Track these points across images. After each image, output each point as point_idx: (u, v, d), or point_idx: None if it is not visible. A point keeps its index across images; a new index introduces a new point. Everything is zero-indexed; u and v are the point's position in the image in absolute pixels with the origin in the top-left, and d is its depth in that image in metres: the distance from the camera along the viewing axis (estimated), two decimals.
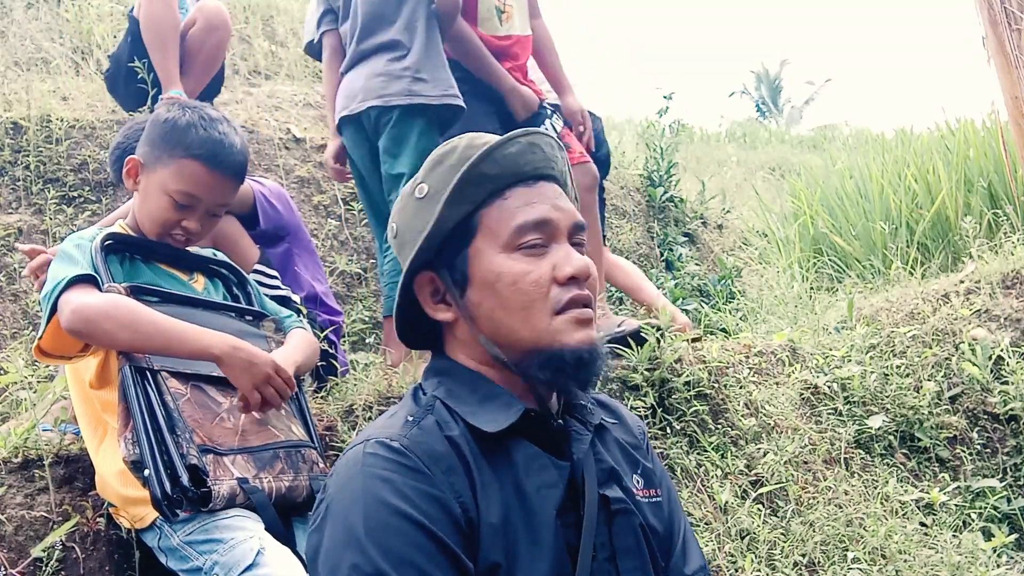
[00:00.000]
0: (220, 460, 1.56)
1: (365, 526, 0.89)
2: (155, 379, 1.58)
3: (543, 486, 0.98)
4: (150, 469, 1.47)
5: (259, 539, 1.51)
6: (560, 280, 1.01)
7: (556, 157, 1.10)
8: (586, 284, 1.03)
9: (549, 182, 1.08)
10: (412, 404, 1.05)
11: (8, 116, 3.46)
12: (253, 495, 1.56)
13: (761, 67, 28.94)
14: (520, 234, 1.02)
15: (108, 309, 1.56)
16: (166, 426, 1.52)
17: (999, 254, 3.44)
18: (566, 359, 0.99)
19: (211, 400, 1.66)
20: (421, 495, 0.91)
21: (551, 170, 1.09)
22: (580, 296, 1.01)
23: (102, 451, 1.68)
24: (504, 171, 1.04)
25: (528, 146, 1.06)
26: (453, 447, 0.97)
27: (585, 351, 0.99)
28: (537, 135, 1.08)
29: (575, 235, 1.07)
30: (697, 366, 2.62)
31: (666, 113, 5.37)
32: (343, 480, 0.95)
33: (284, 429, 1.73)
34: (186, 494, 1.48)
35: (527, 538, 0.94)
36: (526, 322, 1.00)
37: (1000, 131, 3.98)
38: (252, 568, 1.47)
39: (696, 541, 1.14)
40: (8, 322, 2.88)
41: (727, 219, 5.72)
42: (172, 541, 1.57)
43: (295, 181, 3.83)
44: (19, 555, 1.65)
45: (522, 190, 1.05)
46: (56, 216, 3.24)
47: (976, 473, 2.67)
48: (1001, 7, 2.99)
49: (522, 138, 1.06)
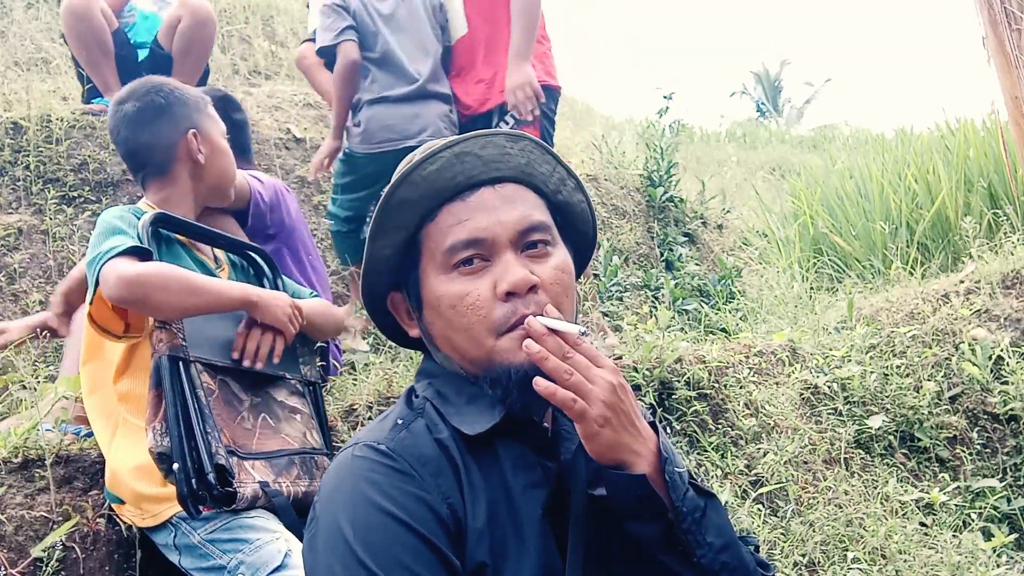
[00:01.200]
0: (243, 464, 1.57)
1: (353, 527, 0.90)
2: (188, 371, 1.59)
3: (529, 485, 0.98)
4: (179, 463, 1.48)
5: (286, 540, 1.53)
6: (500, 297, 0.96)
7: (502, 155, 1.02)
8: (538, 291, 0.97)
9: (492, 186, 1.01)
10: (404, 407, 1.05)
11: (8, 116, 3.46)
12: (275, 498, 1.57)
13: (761, 67, 28.96)
14: (452, 255, 0.98)
15: (152, 273, 1.58)
16: (197, 421, 1.53)
17: (999, 254, 3.44)
18: (512, 378, 0.95)
19: (235, 397, 1.68)
20: (407, 496, 0.92)
21: (495, 172, 1.01)
22: (523, 313, 0.95)
23: (115, 446, 1.68)
24: (428, 191, 1.00)
25: (454, 158, 1.00)
26: (442, 449, 0.97)
27: (531, 369, 0.94)
28: (468, 141, 1.01)
29: (526, 238, 1.00)
30: (697, 366, 2.62)
31: (666, 113, 5.38)
32: (333, 483, 0.97)
33: (298, 437, 1.75)
34: (211, 492, 1.48)
35: (514, 538, 0.95)
36: (471, 342, 0.98)
37: (1000, 131, 3.98)
38: (281, 569, 1.48)
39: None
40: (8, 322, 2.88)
41: (727, 219, 5.72)
42: (192, 539, 1.57)
43: (295, 181, 3.83)
44: (19, 555, 1.65)
45: (456, 206, 1.00)
46: (56, 216, 3.24)
47: (976, 473, 2.67)
48: (1001, 7, 2.99)
49: (445, 152, 1.00)
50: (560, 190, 1.07)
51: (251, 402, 1.69)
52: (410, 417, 1.02)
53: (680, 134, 5.83)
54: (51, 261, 3.13)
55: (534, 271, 0.98)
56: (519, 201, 1.02)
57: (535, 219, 1.01)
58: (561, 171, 1.07)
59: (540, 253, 1.00)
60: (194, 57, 3.46)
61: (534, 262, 1.00)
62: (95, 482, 1.82)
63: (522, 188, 1.03)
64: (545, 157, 1.06)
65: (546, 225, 1.02)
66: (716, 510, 0.96)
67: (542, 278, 0.98)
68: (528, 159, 1.04)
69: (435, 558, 0.90)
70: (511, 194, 1.02)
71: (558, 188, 1.07)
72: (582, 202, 1.10)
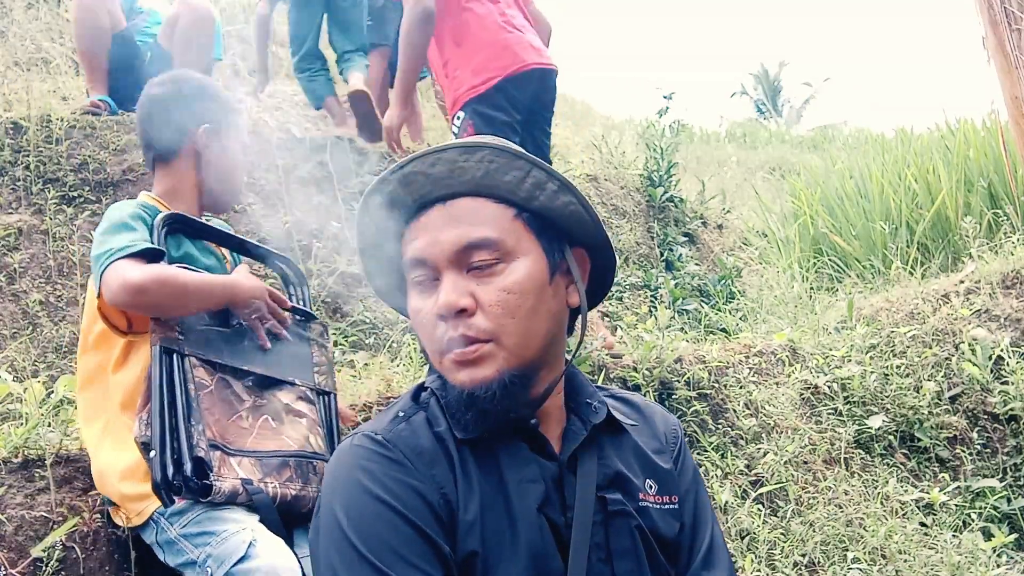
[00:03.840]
0: (227, 459, 1.56)
1: (347, 514, 0.93)
2: (182, 363, 1.60)
3: (524, 480, 0.99)
4: (156, 450, 1.48)
5: (251, 531, 1.51)
6: (436, 318, 0.97)
7: (451, 171, 0.99)
8: (474, 314, 0.96)
9: (443, 203, 1.00)
10: (408, 400, 1.07)
11: (8, 116, 3.46)
12: (255, 495, 1.56)
13: (760, 68, 28.98)
14: (408, 272, 1.02)
15: (151, 280, 1.58)
16: (183, 412, 1.53)
17: (999, 254, 3.44)
18: (457, 397, 0.98)
19: (234, 396, 1.67)
20: (400, 484, 0.94)
21: (444, 189, 1.00)
22: (452, 339, 0.96)
23: (103, 447, 1.68)
24: (388, 214, 1.03)
25: (403, 178, 1.00)
26: (439, 442, 0.99)
27: (466, 392, 0.96)
28: (416, 160, 1.00)
29: (469, 258, 0.97)
30: (697, 366, 2.62)
31: (666, 113, 5.37)
32: (332, 471, 0.99)
33: (298, 439, 1.74)
34: (187, 483, 1.48)
35: (507, 530, 0.96)
36: (431, 356, 1.02)
37: (1000, 131, 3.98)
38: (244, 560, 1.47)
39: (726, 552, 1.11)
40: (8, 322, 2.88)
41: (727, 219, 5.72)
42: (169, 534, 1.57)
43: (295, 181, 3.83)
44: (19, 555, 1.65)
45: (412, 225, 1.02)
46: (56, 216, 3.24)
47: (976, 473, 2.67)
48: (1001, 7, 2.99)
49: (393, 176, 1.01)
50: (536, 195, 1.01)
51: (254, 403, 1.69)
52: (412, 410, 1.04)
53: (680, 134, 5.82)
54: (51, 261, 3.13)
55: (476, 292, 0.96)
56: (466, 218, 0.98)
57: (475, 237, 0.97)
58: (537, 175, 1.01)
59: (486, 272, 0.97)
60: (194, 55, 3.46)
61: (480, 282, 0.97)
62: (94, 479, 1.82)
63: (479, 201, 1.00)
64: (513, 163, 1.00)
65: (491, 241, 0.97)
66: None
67: (481, 300, 0.96)
68: (486, 169, 0.99)
69: (426, 546, 0.91)
70: (460, 212, 0.99)
71: (533, 194, 1.01)
72: (570, 204, 1.03)
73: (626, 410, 1.14)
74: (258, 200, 3.46)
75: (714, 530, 1.11)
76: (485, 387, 0.95)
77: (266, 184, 3.68)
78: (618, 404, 1.14)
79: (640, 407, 1.17)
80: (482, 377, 0.95)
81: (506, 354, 0.96)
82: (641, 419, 1.14)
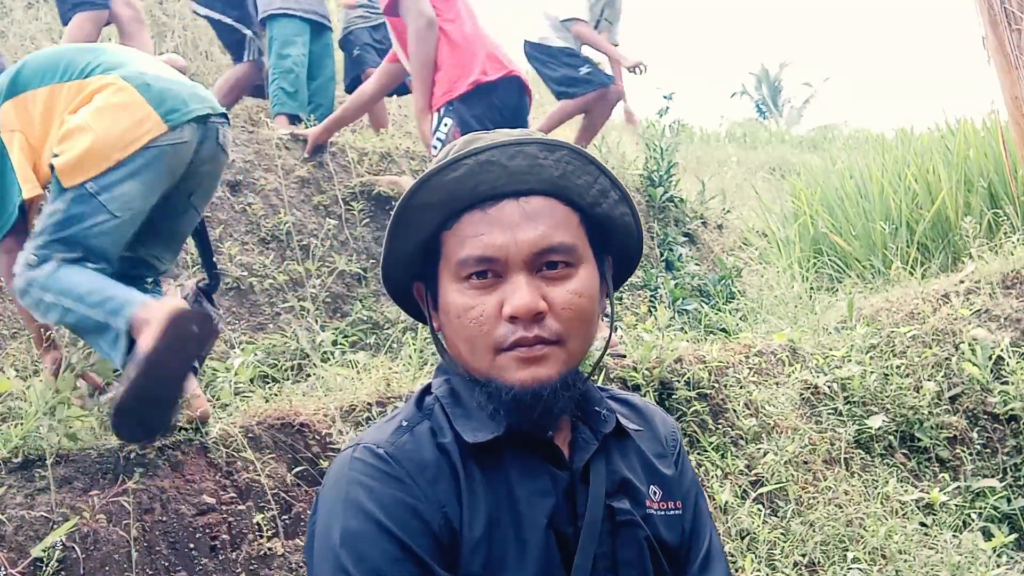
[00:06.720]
0: None
1: (341, 530, 0.91)
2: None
3: (534, 493, 0.97)
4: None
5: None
6: (505, 318, 0.94)
7: (531, 167, 0.97)
8: (545, 317, 0.94)
9: (516, 199, 0.96)
10: (412, 408, 1.04)
11: None
12: None
13: (761, 68, 28.98)
14: (464, 267, 0.96)
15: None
16: None
17: (999, 254, 3.44)
18: (504, 397, 0.95)
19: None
20: (398, 504, 0.92)
21: (521, 184, 0.97)
22: (523, 339, 0.93)
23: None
24: (447, 197, 0.97)
25: (478, 166, 0.95)
26: (443, 455, 0.96)
27: (527, 391, 0.94)
28: (496, 149, 0.96)
29: (543, 259, 0.95)
30: (697, 366, 2.62)
31: (666, 113, 5.38)
32: (331, 482, 0.97)
33: None
34: None
35: (515, 545, 0.94)
36: (472, 355, 0.97)
37: (1000, 131, 3.98)
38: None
39: (724, 558, 1.11)
40: (8, 322, 2.88)
41: (727, 219, 5.72)
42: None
43: (295, 181, 3.83)
44: (19, 555, 1.65)
45: (475, 216, 0.96)
46: None
47: (976, 473, 2.67)
48: (1001, 7, 2.99)
49: (469, 159, 0.95)
50: (600, 202, 1.02)
51: None
52: (416, 419, 1.01)
53: (680, 134, 5.83)
54: None
55: (547, 294, 0.95)
56: (543, 218, 0.96)
57: (555, 240, 0.96)
58: (604, 182, 1.02)
59: (558, 275, 0.96)
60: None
61: (549, 284, 0.96)
62: (95, 482, 1.82)
63: (551, 202, 0.98)
64: (587, 168, 1.00)
65: (568, 246, 0.97)
66: None
67: (553, 303, 0.95)
68: (564, 170, 0.98)
69: (418, 570, 0.89)
70: (536, 210, 0.97)
71: (597, 200, 1.01)
72: (626, 215, 1.05)
73: (628, 413, 1.13)
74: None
75: (712, 536, 1.11)
76: (547, 386, 0.94)
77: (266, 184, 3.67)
78: (619, 407, 1.13)
79: (641, 409, 1.16)
80: (545, 376, 0.94)
81: (567, 356, 0.96)
82: (643, 422, 1.13)
